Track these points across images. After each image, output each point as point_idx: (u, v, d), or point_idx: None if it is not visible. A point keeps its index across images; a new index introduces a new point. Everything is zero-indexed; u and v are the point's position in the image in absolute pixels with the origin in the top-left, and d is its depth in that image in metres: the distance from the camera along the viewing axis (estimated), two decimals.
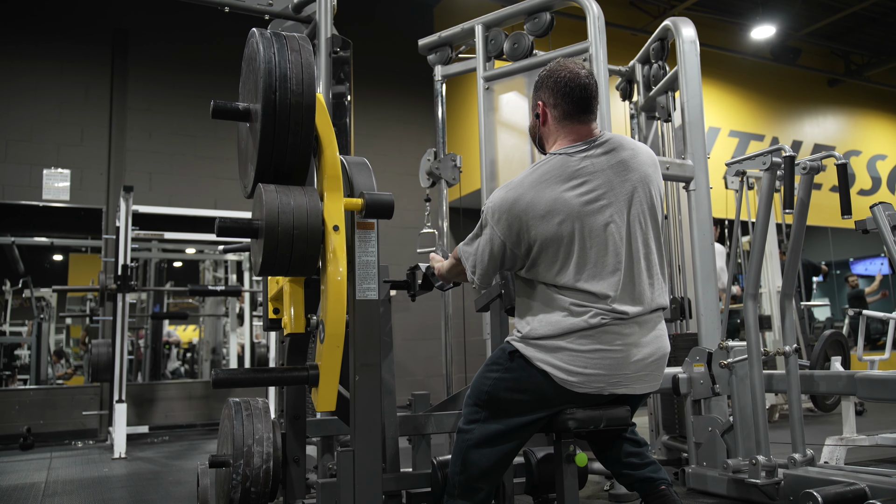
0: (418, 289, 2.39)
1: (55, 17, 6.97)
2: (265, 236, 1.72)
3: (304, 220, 1.73)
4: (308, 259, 1.76)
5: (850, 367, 4.12)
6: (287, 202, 1.73)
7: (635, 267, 1.85)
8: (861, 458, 3.83)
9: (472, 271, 1.99)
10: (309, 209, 1.75)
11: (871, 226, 2.57)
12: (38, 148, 6.68)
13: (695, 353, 2.98)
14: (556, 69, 1.97)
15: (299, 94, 1.79)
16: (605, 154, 1.90)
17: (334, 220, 1.79)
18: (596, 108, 1.97)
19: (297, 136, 1.79)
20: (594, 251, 1.82)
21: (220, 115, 1.86)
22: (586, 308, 1.81)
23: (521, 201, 1.86)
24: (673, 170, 3.24)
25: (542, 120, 2.01)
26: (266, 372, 1.85)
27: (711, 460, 2.92)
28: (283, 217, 1.71)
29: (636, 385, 1.86)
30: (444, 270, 2.20)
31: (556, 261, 1.84)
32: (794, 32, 9.60)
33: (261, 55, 1.80)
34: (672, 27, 3.45)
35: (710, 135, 9.19)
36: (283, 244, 1.72)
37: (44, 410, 6.16)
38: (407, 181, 7.14)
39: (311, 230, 1.73)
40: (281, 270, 1.78)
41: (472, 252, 1.97)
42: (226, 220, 1.75)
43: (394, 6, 8.59)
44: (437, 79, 3.78)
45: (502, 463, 1.90)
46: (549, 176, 1.87)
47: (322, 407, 1.77)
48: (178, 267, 9.05)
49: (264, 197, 1.74)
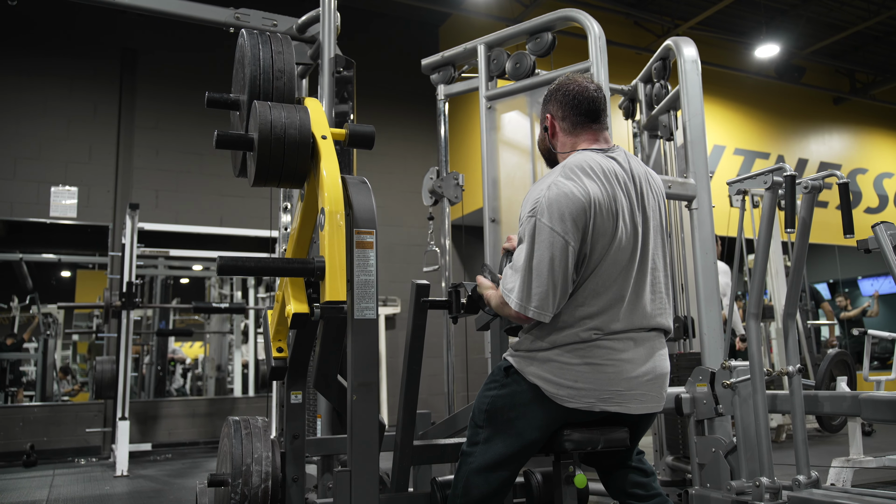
0: (462, 311, 2.10)
1: (64, 36, 7.07)
2: (259, 145, 1.84)
3: (295, 131, 1.87)
4: (298, 167, 1.88)
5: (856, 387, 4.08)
6: (279, 115, 1.88)
7: (638, 283, 1.83)
8: (869, 479, 3.79)
9: (523, 297, 1.72)
10: (300, 120, 1.89)
11: (872, 245, 2.56)
12: (46, 165, 6.75)
13: (697, 372, 2.95)
14: (565, 83, 1.97)
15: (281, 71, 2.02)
16: (622, 166, 1.88)
17: (321, 131, 1.91)
18: (606, 119, 1.96)
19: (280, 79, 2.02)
20: (614, 262, 1.78)
21: (213, 104, 2.08)
22: (581, 322, 1.78)
23: (579, 190, 1.74)
24: (675, 188, 3.23)
25: (550, 132, 2.00)
26: (271, 261, 1.88)
27: (715, 482, 2.88)
28: (275, 128, 1.85)
29: (630, 404, 1.81)
30: (493, 301, 1.93)
31: (581, 267, 1.76)
32: (798, 51, 9.63)
33: (247, 47, 2.04)
34: (673, 47, 3.46)
35: (716, 153, 9.20)
36: (275, 152, 1.85)
37: (47, 427, 6.16)
38: (412, 199, 7.16)
39: (301, 139, 1.87)
40: (274, 178, 1.89)
41: (521, 276, 1.74)
42: (224, 133, 1.92)
43: (400, 27, 8.67)
44: (440, 98, 3.81)
45: (503, 487, 1.88)
46: (592, 171, 1.79)
47: (332, 296, 1.72)
48: (185, 284, 9.09)
49: (258, 111, 1.87)
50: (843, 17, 9.17)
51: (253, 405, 7.14)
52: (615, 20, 8.61)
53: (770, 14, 9.01)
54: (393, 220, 8.09)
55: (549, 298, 1.73)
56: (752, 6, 8.75)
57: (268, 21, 3.51)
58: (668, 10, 8.67)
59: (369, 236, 1.88)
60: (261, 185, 1.94)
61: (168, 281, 8.45)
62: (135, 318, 8.00)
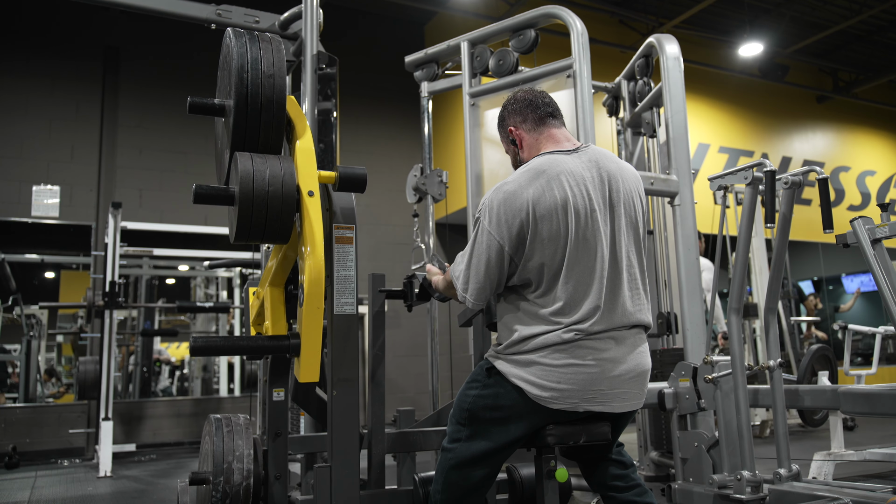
0: (415, 299, 2.27)
1: (46, 35, 7.00)
2: (240, 200, 1.72)
3: (278, 186, 1.73)
4: (283, 223, 1.75)
5: (837, 382, 4.12)
6: (262, 168, 1.74)
7: (615, 280, 1.83)
8: (850, 473, 3.82)
9: (464, 289, 1.87)
10: (284, 174, 1.75)
11: (851, 240, 2.58)
12: (27, 165, 6.68)
13: (680, 367, 2.97)
14: (513, 96, 2.04)
15: (270, 76, 1.82)
16: (590, 163, 1.89)
17: (309, 185, 1.79)
18: (561, 115, 2.00)
19: (269, 112, 1.82)
20: (579, 262, 1.78)
21: (196, 110, 1.90)
22: (561, 323, 1.78)
23: (521, 195, 1.79)
24: (658, 185, 3.24)
25: (518, 143, 2.01)
26: (246, 340, 1.84)
27: (698, 476, 2.89)
28: (258, 182, 1.71)
29: (613, 403, 1.82)
30: (441, 286, 2.08)
31: (541, 268, 1.79)
32: (781, 50, 9.71)
33: (233, 47, 1.85)
34: (656, 44, 3.47)
35: (700, 151, 9.25)
36: (258, 209, 1.71)
37: (30, 429, 6.10)
38: (398, 198, 7.14)
39: (285, 195, 1.74)
40: (256, 236, 1.77)
41: (464, 268, 1.87)
42: (203, 186, 1.77)
43: (386, 25, 8.66)
44: (424, 95, 3.81)
45: (484, 483, 1.88)
46: (544, 173, 1.82)
47: (305, 377, 1.72)
48: (171, 284, 9.03)
49: (240, 163, 1.74)
50: (826, 16, 9.25)
51: (239, 405, 7.10)
52: (600, 19, 8.64)
53: (754, 13, 9.07)
54: (379, 218, 8.08)
55: (484, 293, 1.86)
56: (735, 5, 8.81)
57: (250, 17, 3.49)
58: (653, 9, 8.71)
59: (349, 231, 1.88)
60: (242, 243, 1.84)
61: (153, 281, 8.39)
62: (119, 318, 7.96)
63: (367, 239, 7.94)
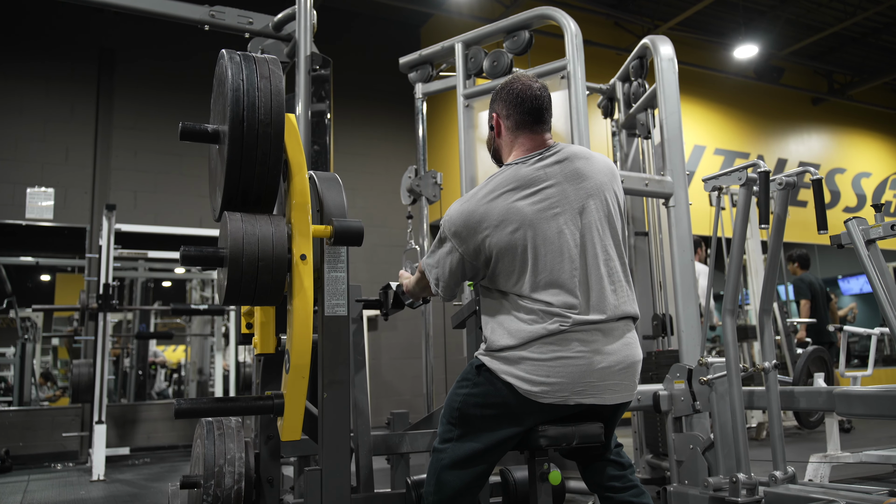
0: (391, 307, 2.35)
1: (42, 36, 6.97)
2: (229, 265, 1.68)
3: (269, 250, 1.70)
4: (273, 289, 1.74)
5: (833, 384, 4.11)
6: (252, 231, 1.70)
7: (592, 274, 1.84)
8: (847, 475, 3.81)
9: (436, 284, 1.99)
10: (275, 239, 1.71)
11: (845, 241, 2.58)
12: (22, 166, 6.65)
13: (675, 369, 2.96)
14: (510, 82, 2.03)
15: (267, 124, 1.75)
16: (558, 163, 1.92)
17: (301, 249, 1.76)
18: (549, 119, 2.00)
19: (265, 165, 1.77)
20: (549, 258, 1.82)
21: (188, 136, 1.83)
22: (545, 316, 1.79)
23: (475, 214, 1.88)
24: (652, 186, 3.24)
25: (496, 132, 2.05)
26: (230, 401, 1.81)
27: (693, 478, 2.88)
28: (247, 246, 1.68)
29: (605, 395, 1.82)
30: (411, 286, 2.19)
31: (513, 270, 1.84)
32: (777, 52, 9.73)
33: (229, 81, 1.76)
34: (650, 45, 3.47)
35: (696, 153, 9.26)
36: (247, 274, 1.68)
37: (23, 432, 6.07)
38: (394, 199, 7.11)
39: (276, 260, 1.71)
40: (246, 300, 1.76)
41: (434, 264, 1.98)
42: (189, 250, 1.72)
43: (381, 27, 8.65)
44: (418, 96, 3.80)
45: (476, 483, 1.87)
46: (503, 187, 1.89)
47: (287, 436, 1.76)
48: (166, 287, 8.99)
49: (229, 226, 1.71)
50: (820, 18, 9.27)
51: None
52: (596, 21, 8.64)
53: (749, 15, 9.08)
54: (375, 221, 8.06)
55: (450, 289, 1.99)
56: (731, 7, 8.82)
57: (243, 19, 3.47)
58: (648, 11, 8.71)
59: None
60: (232, 305, 1.84)
61: (149, 283, 8.35)
62: (115, 320, 7.92)
63: (363, 240, 7.91)
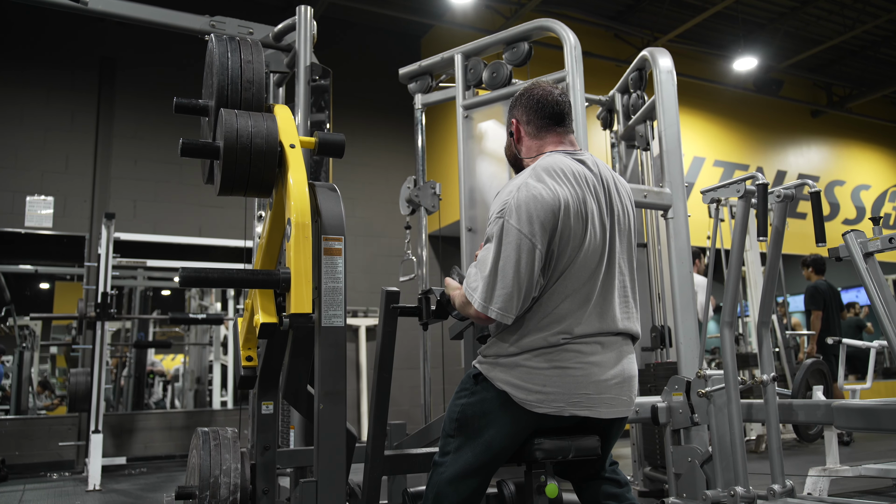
0: (431, 317, 2.07)
1: (42, 45, 6.99)
2: (224, 154, 1.80)
3: (261, 138, 1.83)
4: (265, 175, 1.84)
5: (832, 397, 4.10)
6: (245, 123, 1.84)
7: (608, 288, 1.82)
8: (846, 489, 3.79)
9: (485, 298, 1.70)
10: (267, 128, 1.85)
11: (843, 253, 2.58)
12: (22, 175, 6.66)
13: (673, 381, 2.95)
14: (530, 88, 2.00)
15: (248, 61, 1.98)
16: (591, 170, 1.89)
17: (290, 139, 1.88)
18: (570, 123, 1.98)
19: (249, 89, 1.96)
20: (576, 266, 1.77)
21: (182, 110, 2.04)
22: (549, 326, 1.77)
23: (548, 192, 1.74)
24: (651, 198, 3.24)
25: (515, 137, 2.01)
26: (237, 272, 1.84)
27: (691, 491, 2.87)
28: (241, 136, 1.81)
29: (600, 408, 1.80)
30: (458, 303, 1.91)
31: (547, 271, 1.76)
32: (776, 64, 9.76)
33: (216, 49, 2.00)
34: (649, 57, 3.48)
35: (696, 165, 9.27)
36: (241, 160, 1.81)
37: (20, 441, 6.03)
38: (394, 210, 7.10)
39: (268, 145, 1.83)
40: (239, 188, 1.85)
41: (487, 275, 1.72)
42: (190, 141, 1.88)
43: (381, 38, 8.68)
44: (418, 107, 3.81)
45: (473, 498, 1.85)
46: (562, 172, 1.79)
47: (297, 308, 1.71)
48: (165, 296, 8.98)
49: (224, 118, 1.83)
50: (820, 31, 9.31)
51: (231, 417, 7.05)
52: (596, 33, 8.68)
53: (748, 28, 9.13)
54: (374, 231, 8.06)
55: (513, 300, 1.71)
56: (730, 20, 8.86)
57: (244, 29, 3.49)
58: (648, 23, 8.75)
59: (337, 243, 1.85)
60: (227, 195, 1.90)
61: (147, 292, 8.34)
62: (113, 329, 7.90)
63: (362, 250, 7.91)
